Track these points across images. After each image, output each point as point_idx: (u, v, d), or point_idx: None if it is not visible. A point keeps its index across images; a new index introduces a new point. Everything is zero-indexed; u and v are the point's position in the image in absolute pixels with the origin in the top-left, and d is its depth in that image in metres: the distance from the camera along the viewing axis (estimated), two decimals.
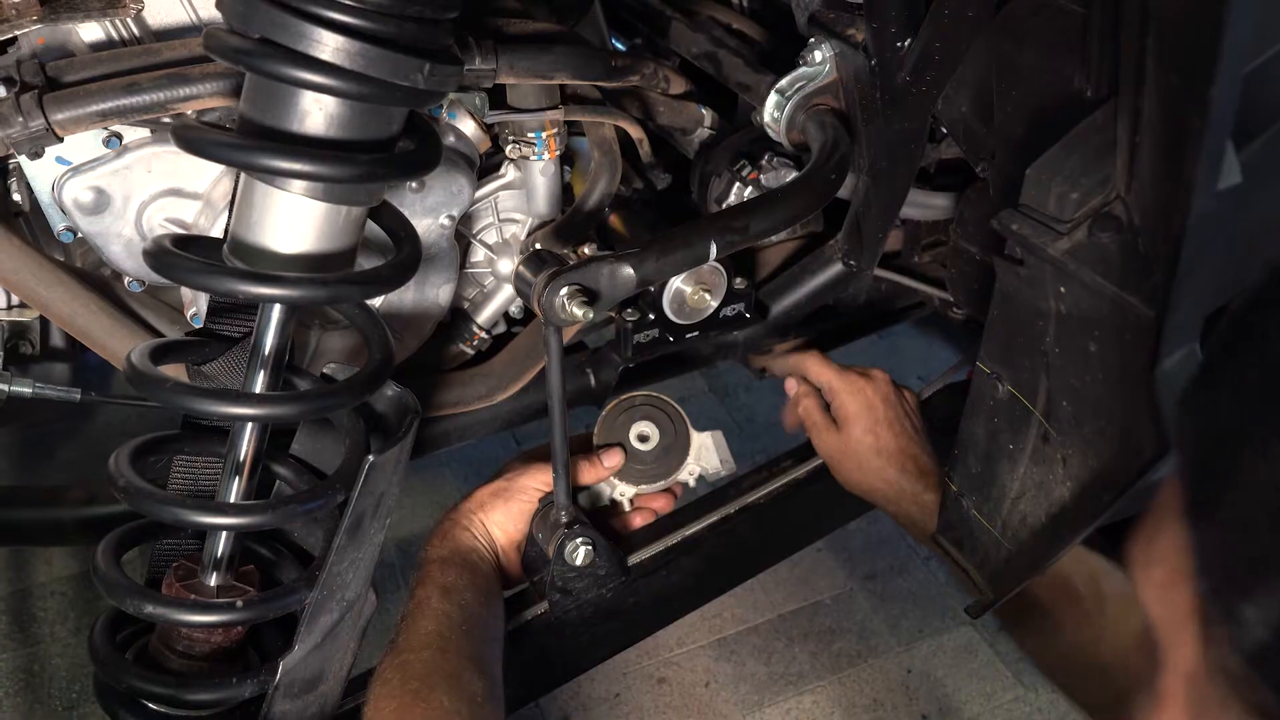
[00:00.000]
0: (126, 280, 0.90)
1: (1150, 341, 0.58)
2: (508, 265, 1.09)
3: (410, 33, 0.65)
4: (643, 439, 1.07)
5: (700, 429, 1.10)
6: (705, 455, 1.07)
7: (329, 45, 0.62)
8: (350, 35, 0.62)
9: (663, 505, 1.08)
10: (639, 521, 1.07)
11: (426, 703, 0.78)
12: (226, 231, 0.76)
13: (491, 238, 1.08)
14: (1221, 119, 0.41)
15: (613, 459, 1.05)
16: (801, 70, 0.98)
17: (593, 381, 1.18)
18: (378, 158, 0.68)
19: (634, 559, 1.04)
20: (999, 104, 0.85)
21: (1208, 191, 0.44)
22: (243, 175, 0.71)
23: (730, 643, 1.64)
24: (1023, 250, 0.70)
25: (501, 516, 0.99)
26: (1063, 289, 0.68)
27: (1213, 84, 0.38)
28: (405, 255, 0.75)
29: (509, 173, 1.05)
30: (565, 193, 1.12)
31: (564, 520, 0.96)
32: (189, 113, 0.80)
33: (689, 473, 1.08)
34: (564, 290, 0.82)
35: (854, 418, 1.03)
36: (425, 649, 0.83)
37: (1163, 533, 0.36)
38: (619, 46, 1.35)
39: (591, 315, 0.81)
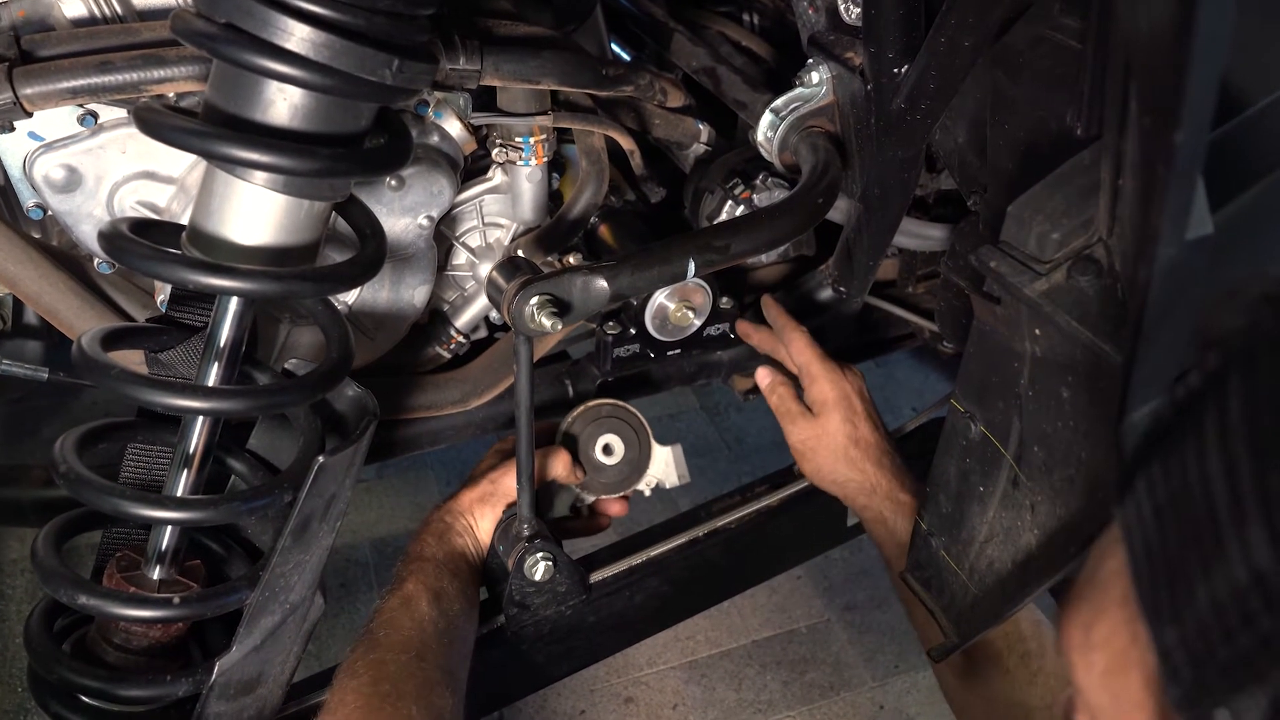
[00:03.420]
0: (96, 261, 0.89)
1: (1120, 392, 0.56)
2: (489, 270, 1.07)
3: (380, 27, 0.63)
4: (607, 451, 1.06)
5: (668, 442, 1.09)
6: (664, 469, 1.06)
7: (294, 35, 0.60)
8: (317, 26, 0.61)
9: (619, 510, 1.08)
10: (594, 525, 1.07)
11: (395, 709, 0.76)
12: None
13: (475, 241, 1.07)
14: (1188, 166, 0.38)
15: (579, 474, 1.04)
16: (797, 91, 0.96)
17: (570, 393, 1.16)
18: (341, 152, 0.67)
19: (596, 577, 1.03)
20: (991, 136, 0.82)
21: (1174, 240, 0.42)
22: (205, 163, 0.69)
23: (701, 666, 1.62)
24: (1000, 289, 0.67)
25: (488, 523, 0.98)
26: (1038, 331, 0.66)
27: (1177, 128, 0.36)
28: (368, 253, 0.73)
29: (495, 177, 1.04)
30: (555, 200, 1.10)
31: (525, 534, 0.94)
32: (170, 95, 0.79)
33: (646, 484, 1.07)
34: (534, 299, 0.80)
35: (833, 405, 1.00)
36: (404, 653, 0.82)
37: (1104, 618, 0.34)
38: (623, 56, 1.34)
39: (560, 326, 0.79)
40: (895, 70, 0.85)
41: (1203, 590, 0.29)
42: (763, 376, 1.08)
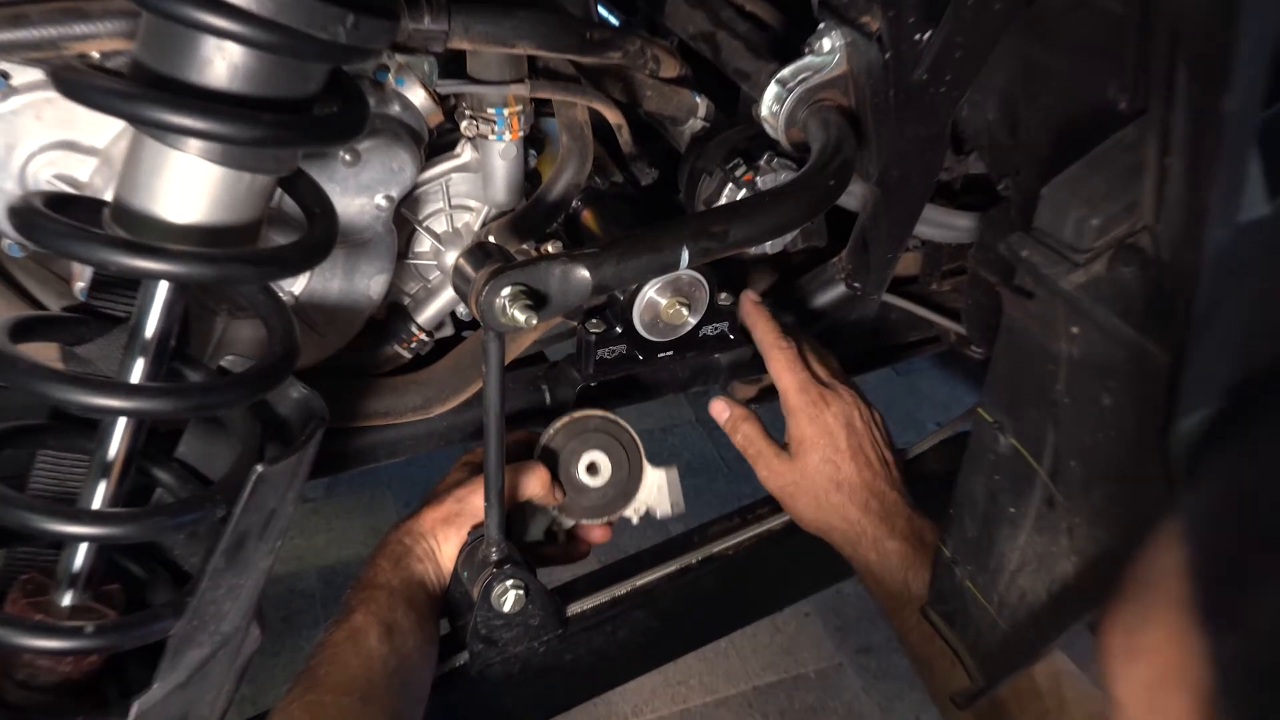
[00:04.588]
0: (5, 242, 0.88)
1: (1166, 397, 0.56)
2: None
3: None
4: (592, 470, 1.06)
5: (663, 463, 1.09)
6: (656, 495, 1.07)
7: None
8: None
9: (600, 536, 1.09)
10: (572, 552, 1.08)
11: None
12: None
13: (440, 226, 1.07)
14: (1239, 137, 0.39)
15: (558, 494, 1.04)
16: (807, 60, 0.97)
17: (548, 399, 1.16)
18: (286, 119, 0.67)
19: (574, 608, 1.03)
20: (1024, 112, 0.83)
21: (1225, 222, 0.42)
22: (132, 131, 0.69)
23: (695, 715, 1.61)
24: (1032, 281, 0.68)
25: (452, 547, 0.99)
26: (1075, 329, 0.66)
27: (1226, 93, 0.36)
28: (316, 235, 0.73)
29: (464, 153, 1.04)
30: (531, 180, 1.10)
31: (493, 558, 0.95)
32: (94, 54, 0.79)
33: (634, 510, 1.07)
34: (506, 290, 0.80)
35: (811, 444, 1.00)
36: (346, 694, 0.82)
37: (1153, 623, 0.34)
38: (611, 19, 1.35)
39: (535, 322, 0.80)
40: (917, 37, 0.86)
41: (1272, 598, 0.29)
42: (719, 412, 1.08)
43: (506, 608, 0.95)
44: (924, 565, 0.94)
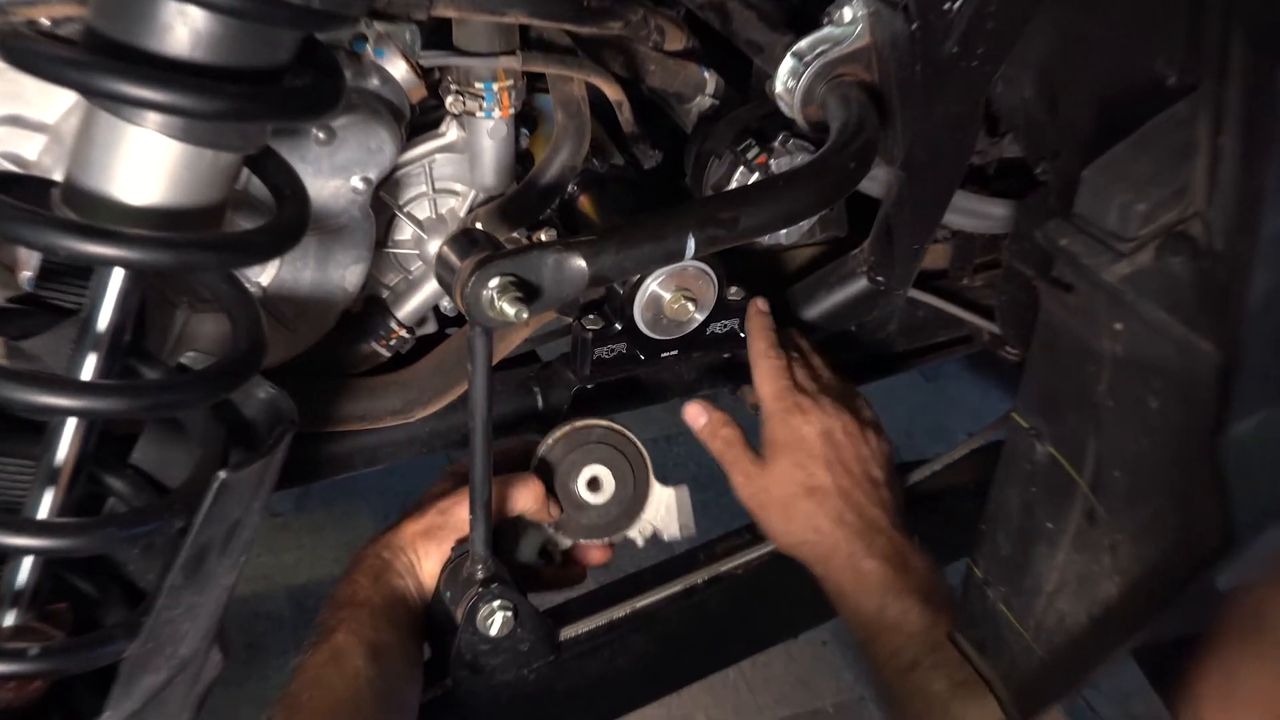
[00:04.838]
0: None
1: (1218, 398, 0.56)
2: None
3: None
4: (594, 486, 1.06)
5: (671, 481, 1.09)
6: (664, 515, 1.07)
7: None
8: None
9: (600, 557, 1.09)
10: (566, 575, 1.08)
11: None
12: None
13: (423, 212, 1.08)
14: None
15: (553, 510, 1.05)
16: (826, 31, 0.97)
17: (540, 403, 1.17)
18: (254, 91, 0.67)
19: (567, 633, 1.03)
20: (1064, 89, 0.84)
21: None
22: (85, 105, 0.70)
23: None
24: (1072, 273, 0.68)
25: (433, 563, 0.99)
26: (1119, 325, 0.66)
27: None
28: (286, 218, 0.74)
29: (450, 131, 1.05)
30: (523, 162, 1.11)
31: (479, 577, 0.95)
32: (45, 20, 0.80)
33: (639, 531, 1.07)
34: (494, 281, 0.80)
35: (782, 447, 1.01)
36: (331, 717, 0.83)
37: (1260, 671, 0.34)
38: None
39: (526, 316, 0.80)
40: (946, 6, 0.86)
41: None
42: (695, 416, 1.09)
43: (493, 631, 0.95)
44: (905, 590, 0.93)
